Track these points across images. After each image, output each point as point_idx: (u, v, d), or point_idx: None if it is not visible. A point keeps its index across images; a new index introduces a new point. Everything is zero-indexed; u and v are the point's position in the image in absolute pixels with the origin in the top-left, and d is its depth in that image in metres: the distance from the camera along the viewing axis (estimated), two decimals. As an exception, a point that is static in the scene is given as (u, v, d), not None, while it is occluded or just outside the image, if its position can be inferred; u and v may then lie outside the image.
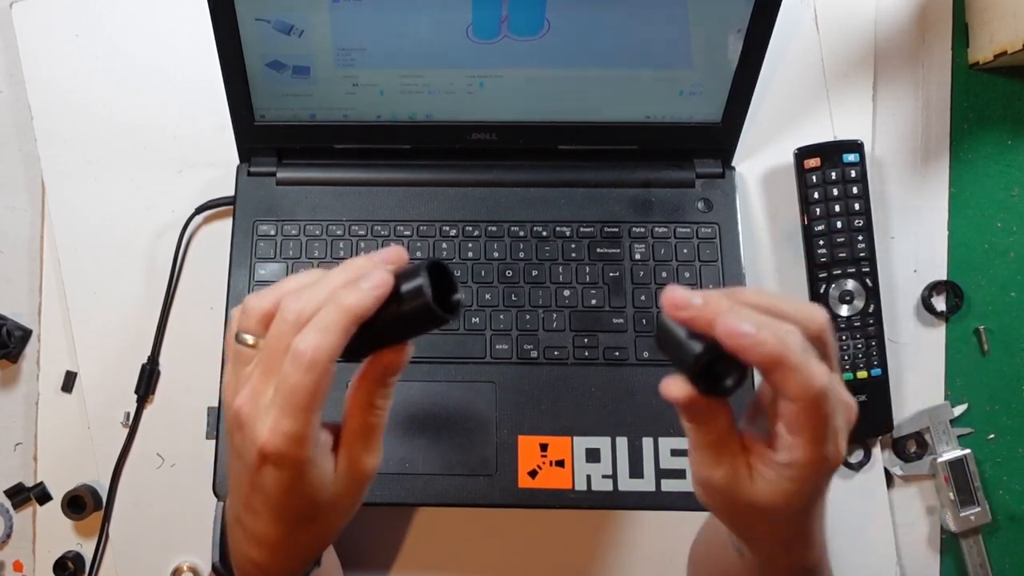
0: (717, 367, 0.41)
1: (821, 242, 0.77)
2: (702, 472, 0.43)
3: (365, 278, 0.41)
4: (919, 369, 0.79)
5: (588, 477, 0.69)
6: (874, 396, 0.76)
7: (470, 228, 0.76)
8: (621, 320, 0.73)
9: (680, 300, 0.40)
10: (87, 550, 0.78)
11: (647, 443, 0.70)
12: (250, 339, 0.43)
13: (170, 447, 0.78)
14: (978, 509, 0.76)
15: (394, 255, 0.44)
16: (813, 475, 0.41)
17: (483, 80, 0.71)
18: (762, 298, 0.41)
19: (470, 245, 0.75)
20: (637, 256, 0.75)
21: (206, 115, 0.81)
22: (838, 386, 0.41)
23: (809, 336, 0.40)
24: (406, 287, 0.42)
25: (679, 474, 0.69)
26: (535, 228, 0.76)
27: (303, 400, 0.40)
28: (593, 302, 0.74)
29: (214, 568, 0.49)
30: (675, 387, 0.41)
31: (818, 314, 0.41)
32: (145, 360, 0.78)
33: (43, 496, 0.78)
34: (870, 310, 0.76)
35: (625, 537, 0.76)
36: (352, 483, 0.45)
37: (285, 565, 0.47)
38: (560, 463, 0.69)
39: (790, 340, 0.38)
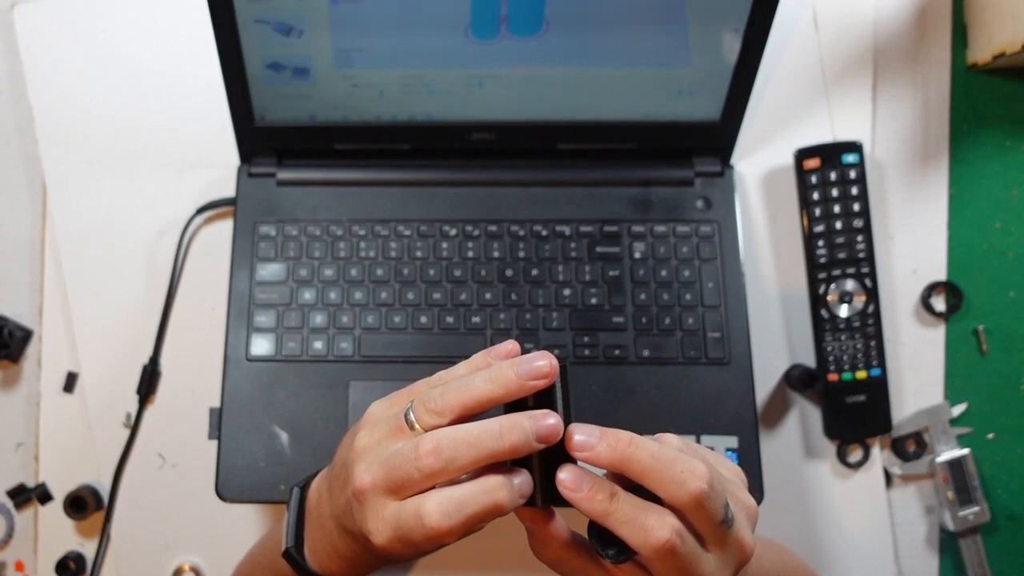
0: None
1: (821, 242, 0.77)
2: None
3: (517, 477, 0.42)
4: (918, 369, 0.79)
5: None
6: (873, 396, 0.76)
7: (470, 228, 0.76)
8: (621, 319, 0.73)
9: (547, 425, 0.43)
10: (88, 550, 0.78)
11: (647, 442, 0.70)
12: (417, 426, 0.43)
13: (171, 447, 0.78)
14: (977, 509, 0.76)
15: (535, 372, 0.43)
16: None
17: (482, 80, 0.71)
18: (644, 454, 0.42)
19: (470, 245, 0.75)
20: (637, 255, 0.75)
21: (206, 116, 0.81)
22: (717, 538, 0.43)
23: (675, 496, 0.42)
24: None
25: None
26: (535, 227, 0.76)
27: (418, 548, 0.42)
28: (593, 301, 0.74)
29: (287, 553, 0.50)
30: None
31: (691, 483, 0.41)
32: (146, 360, 0.78)
33: (45, 496, 0.78)
34: (869, 310, 0.76)
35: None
36: None
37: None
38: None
39: (615, 500, 0.41)
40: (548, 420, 0.41)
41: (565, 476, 0.42)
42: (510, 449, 0.41)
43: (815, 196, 0.78)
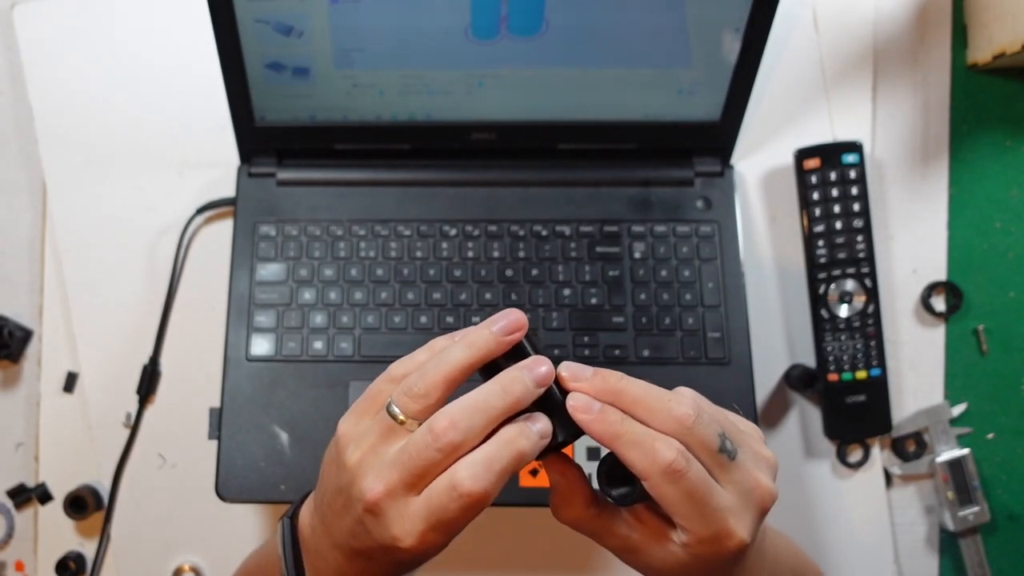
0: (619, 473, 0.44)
1: (821, 243, 0.77)
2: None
3: (534, 423, 0.43)
4: (918, 369, 0.79)
5: (589, 476, 0.69)
6: (873, 396, 0.76)
7: (470, 228, 0.76)
8: (621, 319, 0.73)
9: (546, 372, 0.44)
10: (88, 550, 0.78)
11: (647, 442, 0.70)
12: (403, 418, 0.43)
13: (171, 447, 0.78)
14: (977, 509, 0.76)
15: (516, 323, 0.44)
16: (701, 553, 0.44)
17: (482, 80, 0.71)
18: (634, 387, 0.44)
19: (470, 245, 0.75)
20: (637, 255, 0.75)
21: (207, 116, 0.81)
22: (722, 469, 0.43)
23: (664, 422, 0.43)
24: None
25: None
26: (535, 227, 0.76)
27: (454, 526, 0.42)
28: (593, 301, 0.74)
29: None
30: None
31: (677, 408, 0.43)
32: (146, 360, 0.78)
33: (45, 496, 0.78)
34: (869, 310, 0.76)
35: (625, 537, 0.76)
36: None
37: None
38: (560, 462, 0.69)
39: (615, 423, 0.43)
40: (540, 367, 0.43)
41: (576, 401, 0.43)
42: (515, 402, 0.42)
43: (815, 196, 0.78)
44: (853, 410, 0.76)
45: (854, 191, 0.77)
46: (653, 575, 0.47)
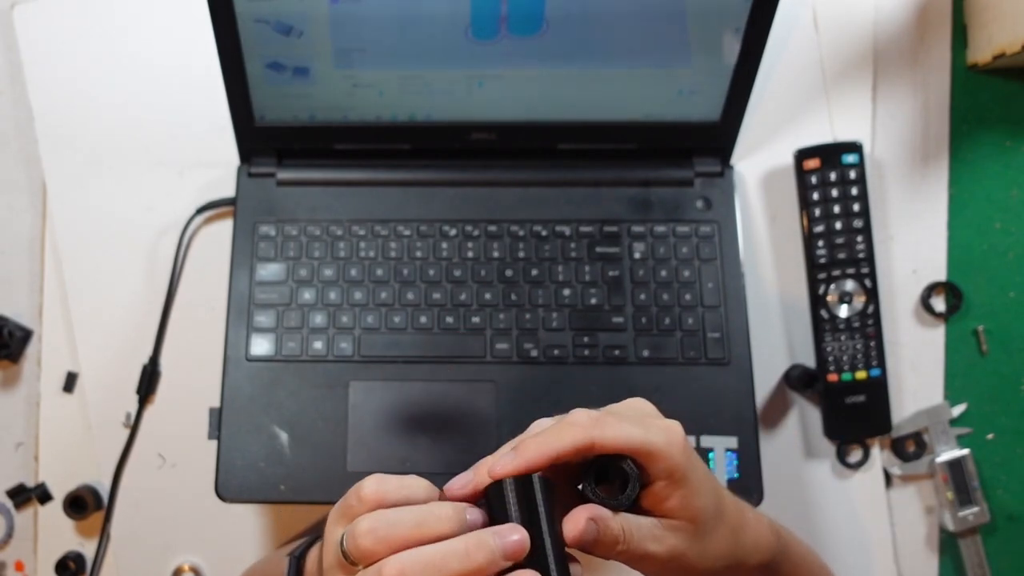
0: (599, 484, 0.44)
1: (821, 243, 0.77)
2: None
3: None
4: (918, 369, 0.79)
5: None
6: (873, 396, 0.76)
7: (470, 228, 0.76)
8: (621, 319, 0.73)
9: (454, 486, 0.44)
10: (88, 550, 0.78)
11: (646, 442, 0.70)
12: (352, 560, 0.42)
13: (171, 447, 0.78)
14: (976, 509, 0.76)
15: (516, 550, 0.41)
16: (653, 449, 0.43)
17: (482, 80, 0.71)
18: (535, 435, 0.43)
19: (470, 245, 0.75)
20: (636, 255, 0.75)
21: (206, 116, 0.81)
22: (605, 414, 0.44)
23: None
24: None
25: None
26: (535, 228, 0.76)
27: None
28: (593, 301, 0.74)
29: None
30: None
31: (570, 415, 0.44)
32: (146, 360, 0.78)
33: (44, 496, 0.78)
34: (869, 311, 0.76)
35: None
36: None
37: None
38: (560, 462, 0.69)
39: (531, 442, 0.42)
40: (512, 535, 0.40)
41: (527, 454, 0.42)
42: (476, 571, 0.39)
43: (815, 196, 0.78)
44: (853, 410, 0.76)
45: (854, 191, 0.77)
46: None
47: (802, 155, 0.78)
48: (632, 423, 0.43)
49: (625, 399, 0.48)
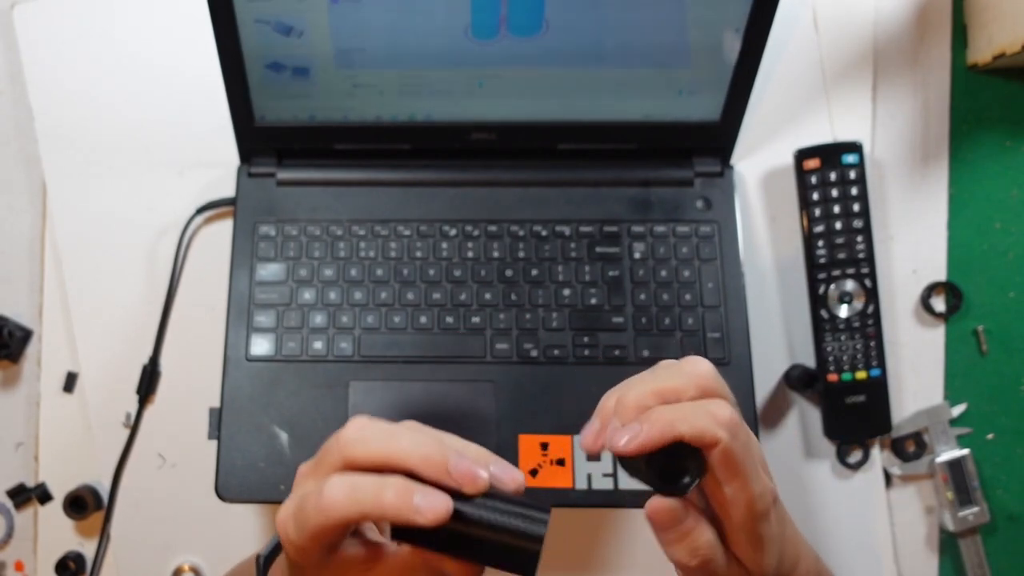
0: (671, 469, 0.43)
1: (821, 243, 0.77)
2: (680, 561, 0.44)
3: (426, 500, 0.39)
4: (918, 369, 0.79)
5: (589, 476, 0.69)
6: (873, 396, 0.76)
7: (470, 228, 0.76)
8: (621, 319, 0.73)
9: (586, 443, 0.44)
10: (88, 550, 0.78)
11: (647, 442, 0.70)
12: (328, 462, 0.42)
13: (171, 447, 0.78)
14: (976, 509, 0.76)
15: (512, 481, 0.42)
16: (754, 508, 0.43)
17: (482, 80, 0.71)
18: (645, 386, 0.43)
19: (470, 245, 0.75)
20: (636, 255, 0.75)
21: (206, 116, 0.81)
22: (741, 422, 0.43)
23: (700, 388, 0.43)
24: (525, 526, 0.40)
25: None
26: (535, 228, 0.76)
27: (307, 530, 0.40)
28: (593, 301, 0.74)
29: None
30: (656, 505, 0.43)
31: (700, 367, 0.44)
32: (146, 360, 0.78)
33: (44, 496, 0.78)
34: (869, 311, 0.76)
35: (626, 536, 0.76)
36: None
37: None
38: (561, 462, 0.70)
39: (665, 414, 0.41)
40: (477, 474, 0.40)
41: (617, 439, 0.41)
42: (422, 460, 0.40)
43: (815, 196, 0.78)
44: (853, 410, 0.76)
45: (854, 191, 0.77)
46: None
47: (802, 155, 0.78)
48: (755, 463, 0.42)
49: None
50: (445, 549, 0.41)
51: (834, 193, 0.77)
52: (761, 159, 0.81)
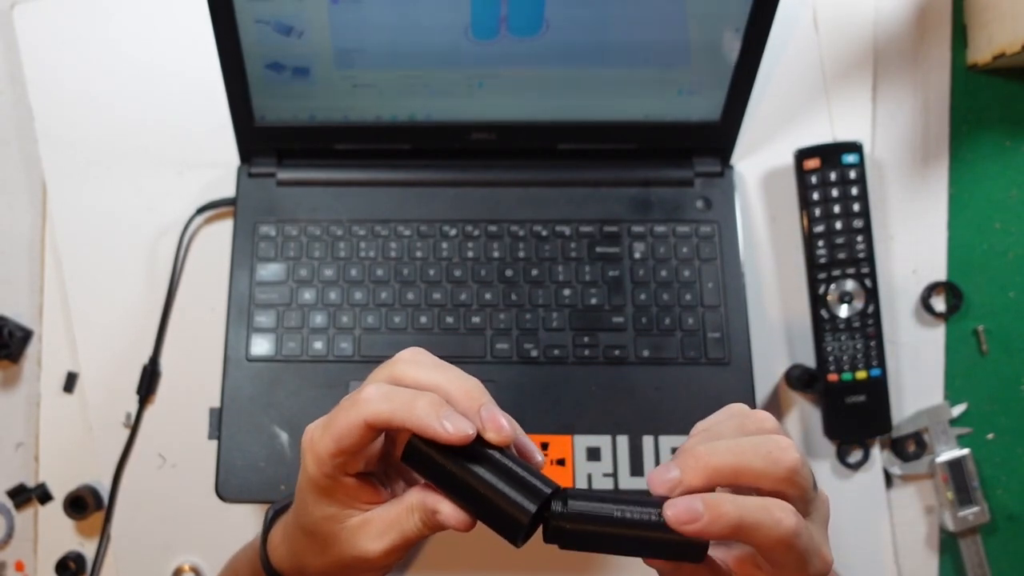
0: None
1: (821, 243, 0.77)
2: None
3: (453, 418, 0.41)
4: (918, 369, 0.79)
5: (589, 476, 0.69)
6: (873, 396, 0.76)
7: (470, 228, 0.76)
8: (621, 319, 0.73)
9: (655, 487, 0.42)
10: (88, 550, 0.78)
11: (647, 441, 0.70)
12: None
13: (171, 447, 0.78)
14: (976, 509, 0.76)
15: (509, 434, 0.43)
16: None
17: (482, 80, 0.71)
18: (727, 456, 0.41)
19: (470, 245, 0.75)
20: (637, 255, 0.75)
21: (206, 116, 0.81)
22: (810, 503, 0.42)
23: (778, 479, 0.40)
24: (525, 490, 0.42)
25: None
26: (535, 228, 0.76)
27: (345, 440, 0.42)
28: (593, 301, 0.74)
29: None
30: None
31: (784, 459, 0.40)
32: (146, 360, 0.78)
33: (44, 496, 0.78)
34: (869, 310, 0.76)
35: (625, 537, 0.76)
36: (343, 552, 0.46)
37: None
38: (561, 462, 0.70)
39: (731, 515, 0.38)
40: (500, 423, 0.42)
41: (675, 512, 0.39)
42: (462, 392, 0.43)
43: (815, 196, 0.78)
44: (853, 410, 0.76)
45: (854, 191, 0.77)
46: None
47: (802, 155, 0.78)
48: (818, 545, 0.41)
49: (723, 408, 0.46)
50: (445, 487, 0.42)
51: (834, 193, 0.77)
52: (761, 159, 0.81)
